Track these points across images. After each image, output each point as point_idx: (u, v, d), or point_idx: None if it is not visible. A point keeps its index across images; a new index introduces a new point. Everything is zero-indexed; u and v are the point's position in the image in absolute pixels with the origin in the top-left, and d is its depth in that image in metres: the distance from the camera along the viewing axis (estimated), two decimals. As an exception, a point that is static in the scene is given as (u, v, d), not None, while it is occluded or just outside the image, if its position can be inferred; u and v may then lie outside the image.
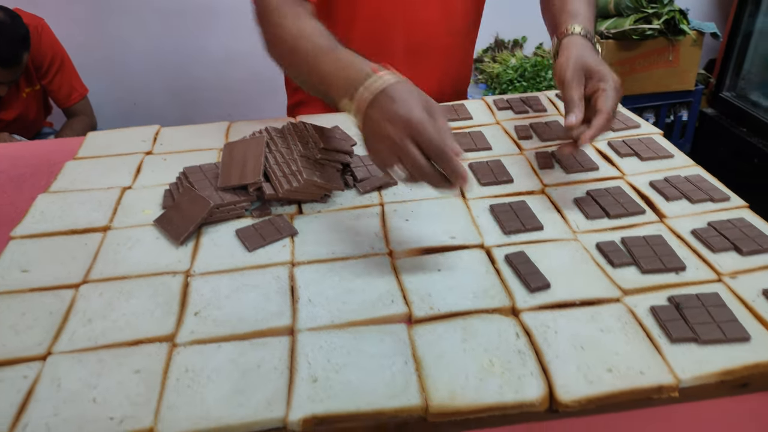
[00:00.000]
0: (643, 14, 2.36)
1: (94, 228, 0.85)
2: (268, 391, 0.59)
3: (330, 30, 0.86)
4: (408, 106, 0.68)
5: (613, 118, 0.82)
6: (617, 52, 2.47)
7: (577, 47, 0.88)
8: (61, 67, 2.19)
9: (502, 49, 2.82)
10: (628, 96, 2.57)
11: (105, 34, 2.55)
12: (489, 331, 0.64)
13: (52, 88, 2.19)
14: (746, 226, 0.77)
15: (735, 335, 0.61)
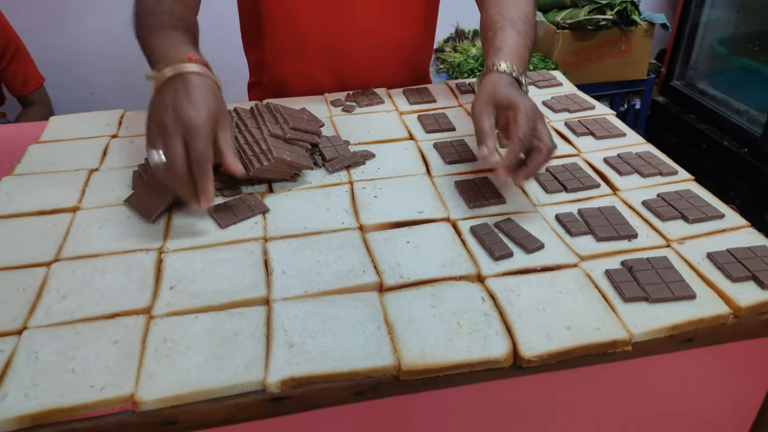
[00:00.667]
0: (597, 5, 2.44)
1: (63, 209, 0.85)
2: (246, 357, 0.61)
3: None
4: (198, 105, 0.74)
5: (525, 143, 0.76)
6: (573, 42, 2.54)
7: (492, 83, 0.82)
8: (16, 54, 2.13)
9: (463, 39, 2.87)
10: (583, 85, 2.63)
11: (59, 22, 2.48)
12: (456, 297, 0.68)
13: (7, 75, 2.13)
14: (692, 197, 0.82)
15: (682, 293, 0.66)
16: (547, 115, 1.09)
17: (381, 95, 1.18)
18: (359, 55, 1.20)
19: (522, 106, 0.77)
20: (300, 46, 1.18)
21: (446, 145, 0.98)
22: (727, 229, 0.77)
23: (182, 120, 0.73)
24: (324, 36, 1.16)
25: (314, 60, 1.19)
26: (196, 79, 0.76)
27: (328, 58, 1.19)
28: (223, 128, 0.76)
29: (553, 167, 0.91)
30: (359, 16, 1.16)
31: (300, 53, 1.19)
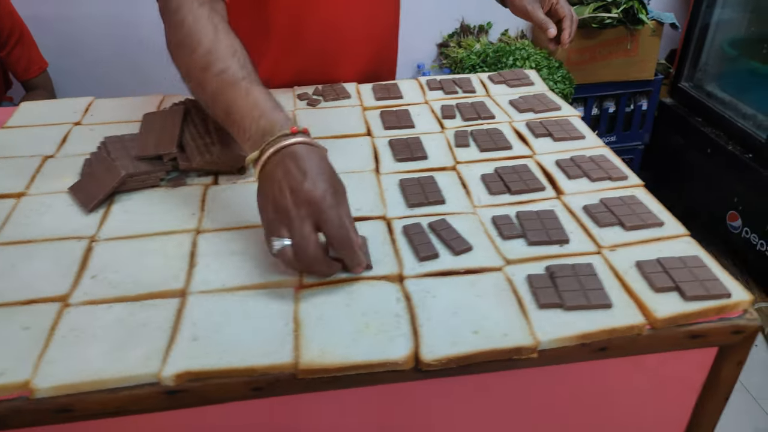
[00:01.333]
0: (603, 2, 2.39)
1: (9, 194, 0.86)
2: (148, 348, 0.61)
3: (242, 26, 0.84)
4: (316, 181, 0.65)
5: (573, 16, 1.13)
6: (578, 39, 2.50)
7: None
8: (20, 39, 2.17)
9: (468, 34, 2.84)
10: (587, 84, 2.60)
11: (66, 7, 2.52)
12: (372, 296, 0.67)
13: (11, 60, 2.18)
14: (636, 204, 0.80)
15: (597, 302, 0.64)
16: (511, 114, 1.07)
17: (349, 90, 1.17)
18: (329, 47, 1.19)
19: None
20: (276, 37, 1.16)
21: (401, 143, 0.98)
22: (663, 238, 0.75)
23: (302, 199, 0.64)
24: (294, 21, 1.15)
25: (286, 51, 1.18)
26: (305, 150, 0.67)
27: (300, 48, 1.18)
28: (341, 199, 0.68)
29: (502, 168, 0.89)
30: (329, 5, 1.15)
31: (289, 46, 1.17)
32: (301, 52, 1.18)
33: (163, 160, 0.88)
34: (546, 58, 2.53)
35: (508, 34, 2.87)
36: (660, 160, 2.79)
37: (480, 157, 0.94)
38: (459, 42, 2.80)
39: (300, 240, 0.64)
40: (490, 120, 1.05)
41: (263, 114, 0.71)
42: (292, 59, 1.19)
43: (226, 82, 0.75)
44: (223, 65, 0.76)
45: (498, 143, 0.96)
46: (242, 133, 0.73)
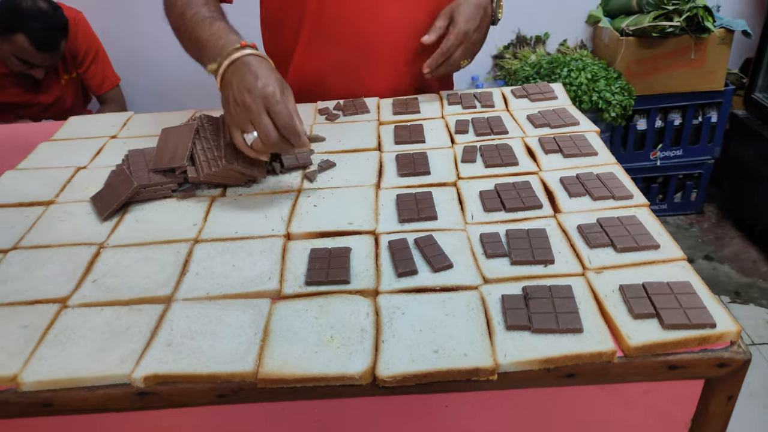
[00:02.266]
0: (664, 11, 2.29)
1: (39, 202, 0.94)
2: (125, 351, 0.65)
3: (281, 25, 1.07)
4: (265, 80, 0.82)
5: (448, 56, 1.12)
6: (638, 49, 2.40)
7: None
8: (96, 57, 2.35)
9: (524, 45, 2.79)
10: (651, 96, 2.49)
11: (138, 26, 2.69)
12: (343, 310, 0.68)
13: (87, 76, 2.36)
14: (633, 224, 0.77)
15: (567, 326, 0.62)
16: (526, 129, 1.05)
17: (369, 105, 1.19)
18: (356, 55, 1.22)
19: (456, 28, 1.11)
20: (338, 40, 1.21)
21: (406, 158, 0.98)
22: (657, 261, 0.72)
23: (256, 95, 0.81)
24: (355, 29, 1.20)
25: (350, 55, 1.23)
26: (254, 60, 0.85)
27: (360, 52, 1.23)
28: (289, 97, 0.84)
29: (501, 185, 0.88)
30: None
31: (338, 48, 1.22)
32: (330, 57, 1.22)
33: (175, 172, 0.93)
34: (604, 69, 2.45)
35: (567, 45, 2.80)
36: (732, 175, 2.62)
37: (484, 173, 0.93)
38: (515, 53, 2.76)
39: (263, 128, 0.81)
40: (503, 135, 1.04)
41: (221, 37, 0.91)
42: (318, 64, 1.23)
43: (195, 22, 0.97)
44: (195, 9, 0.99)
45: (505, 159, 0.95)
46: (207, 57, 0.91)
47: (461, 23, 1.11)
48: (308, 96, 1.25)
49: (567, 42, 2.81)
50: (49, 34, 2.01)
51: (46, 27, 1.99)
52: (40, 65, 2.07)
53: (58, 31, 2.04)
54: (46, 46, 2.00)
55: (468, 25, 1.12)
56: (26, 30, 1.94)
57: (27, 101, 2.23)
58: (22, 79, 2.13)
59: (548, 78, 2.44)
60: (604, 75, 2.41)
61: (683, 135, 2.61)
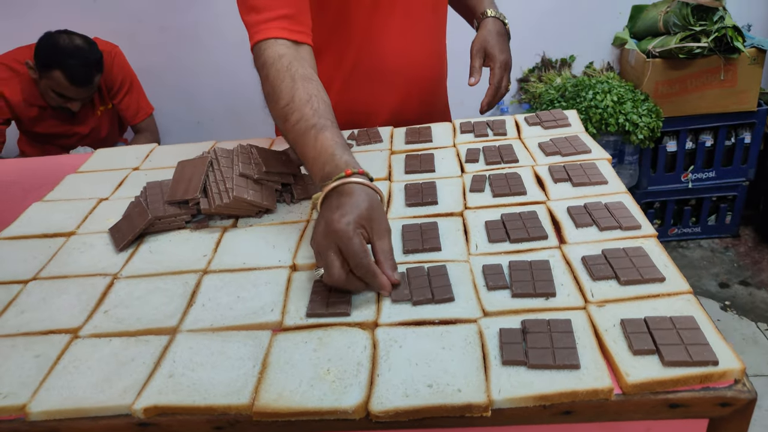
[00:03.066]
0: (691, 32, 2.25)
1: (62, 233, 0.98)
2: (128, 382, 0.67)
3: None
4: (346, 212, 0.74)
5: (499, 88, 1.22)
6: (665, 71, 2.37)
7: (486, 27, 1.25)
8: (130, 88, 2.45)
9: (549, 68, 2.79)
10: (679, 117, 2.45)
11: (173, 58, 2.79)
12: (341, 343, 0.69)
13: (122, 107, 2.45)
14: (639, 256, 0.75)
15: (564, 362, 0.61)
16: (536, 158, 1.05)
17: (383, 134, 1.21)
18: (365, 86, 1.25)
19: (498, 60, 1.22)
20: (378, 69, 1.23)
21: (415, 188, 0.99)
22: (661, 295, 0.70)
23: (331, 230, 0.73)
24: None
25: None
26: (350, 189, 0.77)
27: None
28: (380, 234, 0.76)
29: (507, 215, 0.88)
30: None
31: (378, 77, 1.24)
32: (369, 90, 1.26)
33: (189, 204, 0.96)
34: (631, 91, 2.42)
35: (593, 67, 2.78)
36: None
37: (491, 203, 0.93)
38: (540, 76, 2.76)
39: (327, 267, 0.73)
40: (513, 164, 1.03)
41: (327, 161, 0.81)
42: (356, 97, 1.26)
43: (299, 132, 0.86)
44: (298, 115, 0.87)
45: (513, 188, 0.95)
46: (314, 178, 0.85)
47: (499, 55, 1.22)
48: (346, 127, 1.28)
49: (593, 64, 2.79)
50: (85, 70, 2.10)
51: (81, 63, 2.08)
52: (76, 99, 2.16)
53: (93, 66, 2.14)
54: (82, 81, 2.10)
55: (504, 55, 1.23)
56: (63, 66, 2.04)
57: (65, 132, 2.33)
58: (60, 112, 2.23)
59: (573, 101, 2.43)
60: (630, 97, 2.39)
61: (715, 156, 2.55)
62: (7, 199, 1.15)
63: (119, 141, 2.68)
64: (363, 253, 0.72)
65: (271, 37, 0.95)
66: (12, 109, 2.21)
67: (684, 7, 2.26)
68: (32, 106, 2.21)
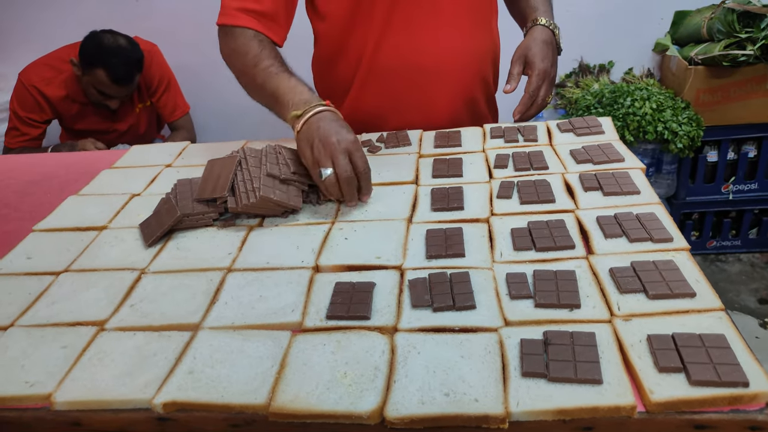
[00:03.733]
0: (736, 39, 2.18)
1: (94, 227, 1.01)
2: (150, 377, 0.68)
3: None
4: (348, 132, 0.96)
5: (535, 98, 1.18)
6: (707, 78, 2.30)
7: (533, 35, 1.21)
8: (168, 87, 2.50)
9: (587, 74, 2.74)
10: (721, 126, 2.38)
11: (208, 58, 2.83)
12: (359, 346, 0.69)
13: (160, 105, 2.50)
14: (670, 270, 0.73)
15: (586, 376, 0.60)
16: (567, 165, 1.03)
17: (411, 138, 1.20)
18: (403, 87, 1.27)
19: (538, 68, 1.17)
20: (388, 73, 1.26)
21: (441, 192, 0.98)
22: (691, 311, 0.68)
23: (344, 141, 0.93)
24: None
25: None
26: (336, 116, 0.99)
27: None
28: (361, 146, 0.96)
29: (534, 223, 0.86)
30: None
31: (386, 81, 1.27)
32: (388, 89, 1.26)
33: (216, 202, 0.97)
34: (671, 98, 2.36)
35: (633, 73, 2.72)
36: (815, 211, 2.44)
37: (518, 210, 0.92)
38: (577, 82, 2.71)
39: (342, 165, 0.92)
40: (542, 171, 1.02)
41: (302, 92, 1.03)
42: (375, 97, 1.27)
43: (271, 74, 1.08)
44: (268, 62, 1.09)
45: (541, 196, 0.93)
46: (287, 105, 1.02)
47: (539, 64, 1.17)
48: (364, 128, 1.28)
49: (633, 70, 2.72)
50: (126, 69, 2.15)
51: (124, 63, 2.13)
52: (116, 96, 2.21)
53: (134, 66, 2.18)
54: (123, 80, 2.14)
55: (544, 63, 1.18)
56: (106, 65, 2.09)
57: (104, 129, 2.39)
58: (99, 108, 2.29)
59: (610, 108, 2.37)
60: (670, 105, 2.32)
61: (759, 168, 2.46)
62: (46, 191, 1.19)
63: (156, 138, 2.73)
64: (368, 165, 0.95)
65: (242, 25, 1.12)
66: (54, 108, 2.27)
67: (729, 14, 2.19)
68: (74, 103, 2.27)
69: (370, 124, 1.29)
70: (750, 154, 2.45)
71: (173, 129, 2.62)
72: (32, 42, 2.49)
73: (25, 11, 2.78)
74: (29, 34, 2.76)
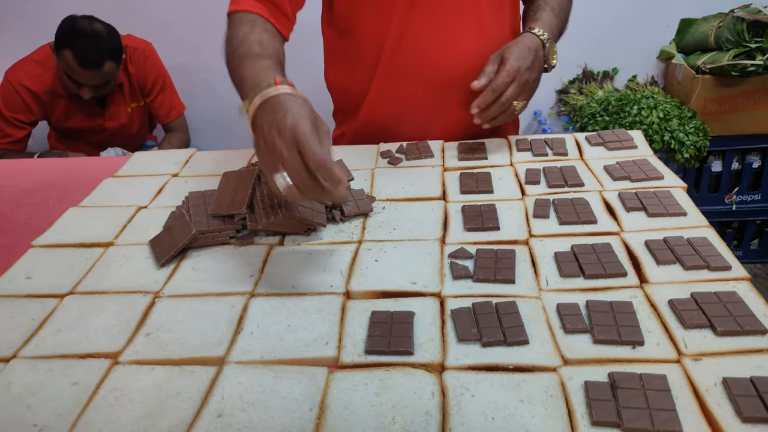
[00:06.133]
0: (745, 49, 2.16)
1: (99, 243, 0.93)
2: (173, 420, 0.61)
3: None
4: (296, 117, 0.74)
5: (499, 95, 1.05)
6: (715, 88, 2.27)
7: (517, 40, 1.11)
8: (163, 87, 2.41)
9: (590, 80, 2.70)
10: (729, 137, 2.35)
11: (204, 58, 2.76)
12: (405, 387, 0.63)
13: (154, 105, 2.41)
14: (734, 303, 0.68)
15: (664, 427, 0.54)
16: (603, 182, 0.98)
17: (434, 148, 1.15)
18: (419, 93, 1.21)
19: (509, 63, 1.05)
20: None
21: (474, 210, 0.92)
22: (765, 350, 0.63)
23: (289, 135, 0.73)
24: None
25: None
26: (287, 98, 0.78)
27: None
28: (323, 135, 0.75)
29: (579, 247, 0.81)
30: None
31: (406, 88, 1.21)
32: (406, 93, 1.20)
33: (234, 218, 0.91)
34: (678, 107, 2.33)
35: (637, 81, 2.69)
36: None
37: (558, 231, 0.86)
38: (580, 88, 2.67)
39: (292, 168, 0.72)
40: (578, 188, 0.96)
41: (258, 74, 0.87)
42: (393, 101, 1.22)
43: (243, 58, 0.94)
44: (246, 47, 0.97)
45: (581, 216, 0.88)
46: (242, 95, 0.89)
47: (512, 61, 1.06)
48: (381, 133, 1.23)
49: (637, 78, 2.70)
50: (94, 53, 2.00)
51: (93, 46, 1.99)
52: (85, 83, 2.05)
53: (106, 52, 2.03)
54: (89, 63, 1.99)
55: (519, 62, 1.06)
56: (73, 46, 1.96)
57: (94, 127, 2.29)
58: (87, 105, 2.18)
59: (616, 116, 2.34)
60: (677, 114, 2.29)
61: (763, 179, 2.44)
62: (43, 201, 1.11)
63: (149, 139, 2.64)
64: (323, 155, 0.71)
65: (248, 10, 1.04)
66: (43, 107, 2.17)
67: (739, 23, 2.17)
68: (61, 98, 2.16)
69: (386, 130, 1.24)
70: (754, 165, 2.43)
71: (167, 130, 2.53)
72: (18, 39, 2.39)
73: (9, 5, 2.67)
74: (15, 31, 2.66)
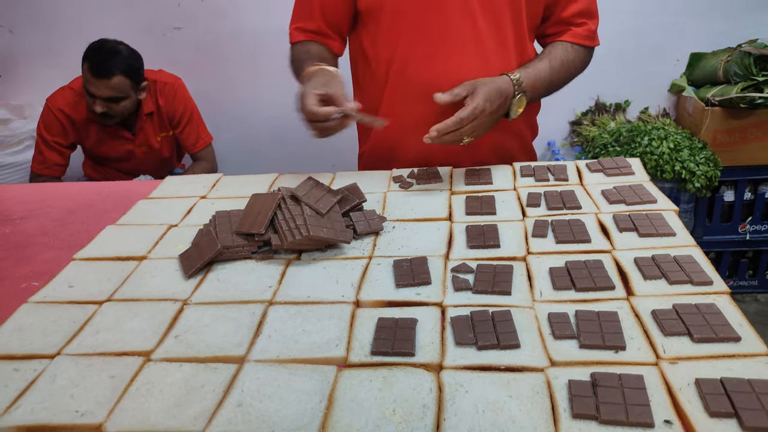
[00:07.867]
0: (753, 82, 2.22)
1: (134, 257, 1.02)
2: (198, 409, 0.68)
3: None
4: (304, 88, 1.10)
5: (460, 125, 1.10)
6: (725, 120, 2.33)
7: (495, 78, 1.19)
8: (191, 119, 2.54)
9: (603, 112, 2.77)
10: (740, 167, 2.39)
11: (232, 89, 2.90)
12: (406, 384, 0.69)
13: (182, 136, 2.54)
14: (713, 314, 0.74)
15: (638, 419, 0.60)
16: (600, 205, 1.04)
17: (442, 174, 1.23)
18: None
19: (475, 101, 1.11)
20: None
21: (476, 229, 0.99)
22: (737, 355, 0.68)
23: (298, 103, 1.09)
24: None
25: None
26: (311, 73, 1.15)
27: None
28: (333, 86, 1.10)
29: (572, 263, 0.87)
30: None
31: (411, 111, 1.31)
32: (412, 115, 1.29)
33: (255, 238, 0.99)
34: (688, 138, 2.39)
35: (648, 113, 2.75)
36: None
37: (554, 249, 0.93)
38: (593, 120, 2.74)
39: (305, 121, 1.10)
40: (575, 210, 1.03)
41: (305, 63, 1.23)
42: (400, 123, 1.30)
43: (300, 61, 1.27)
44: (308, 55, 1.28)
45: (577, 235, 0.94)
46: (300, 78, 1.21)
47: (481, 100, 1.11)
48: (390, 155, 1.31)
49: (648, 110, 2.76)
50: (105, 63, 2.11)
51: (106, 58, 2.12)
52: (96, 95, 2.15)
53: (119, 65, 2.13)
54: (99, 72, 2.11)
55: (486, 104, 1.11)
56: (89, 58, 2.12)
57: (124, 156, 2.42)
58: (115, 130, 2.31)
59: (628, 146, 2.40)
60: (687, 144, 2.35)
61: (776, 208, 2.47)
62: (83, 220, 1.21)
63: (177, 167, 2.77)
64: (312, 107, 1.06)
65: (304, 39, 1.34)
66: (77, 132, 2.31)
67: (746, 57, 2.23)
68: (93, 124, 2.30)
69: (393, 151, 1.35)
70: (767, 195, 2.46)
71: (195, 159, 2.65)
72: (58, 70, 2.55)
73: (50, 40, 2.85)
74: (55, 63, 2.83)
